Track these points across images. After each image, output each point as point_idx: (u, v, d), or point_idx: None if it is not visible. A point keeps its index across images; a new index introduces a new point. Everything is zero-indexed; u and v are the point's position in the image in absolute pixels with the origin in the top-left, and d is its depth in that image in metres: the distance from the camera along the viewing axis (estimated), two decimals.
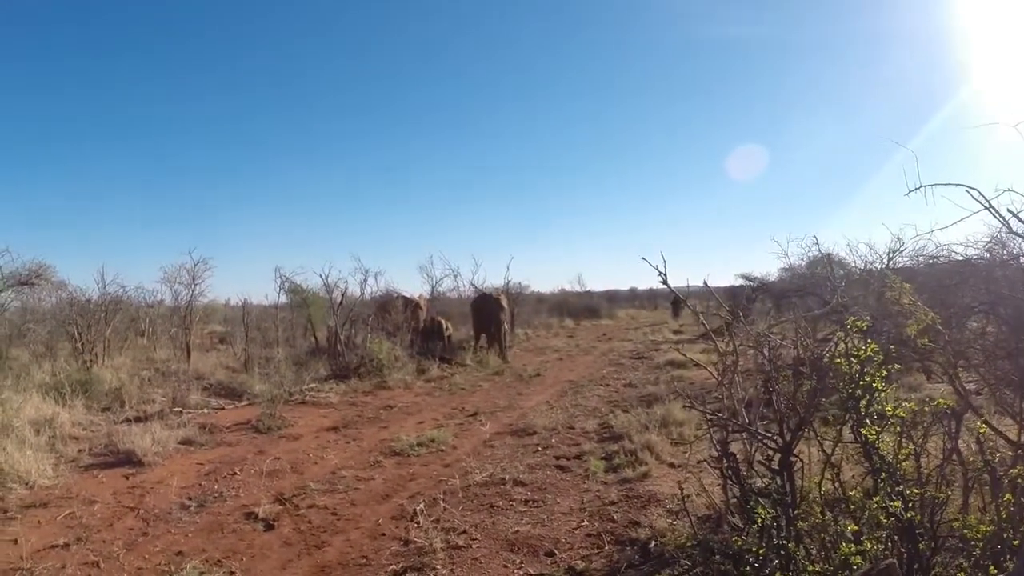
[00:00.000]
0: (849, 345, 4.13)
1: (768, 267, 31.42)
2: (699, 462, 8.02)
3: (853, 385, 4.03)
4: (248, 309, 21.14)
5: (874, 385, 3.97)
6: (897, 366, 4.31)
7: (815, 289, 17.70)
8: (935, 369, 7.79)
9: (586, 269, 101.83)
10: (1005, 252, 7.85)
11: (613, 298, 59.13)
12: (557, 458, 9.40)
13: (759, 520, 4.07)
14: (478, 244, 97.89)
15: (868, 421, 3.97)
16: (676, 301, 43.55)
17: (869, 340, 4.13)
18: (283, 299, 21.83)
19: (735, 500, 5.77)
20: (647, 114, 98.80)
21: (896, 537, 3.71)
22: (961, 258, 8.99)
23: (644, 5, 76.49)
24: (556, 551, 6.18)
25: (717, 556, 4.21)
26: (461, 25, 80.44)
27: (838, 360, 4.14)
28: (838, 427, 4.51)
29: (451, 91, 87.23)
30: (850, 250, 17.57)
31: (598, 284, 60.27)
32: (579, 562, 5.91)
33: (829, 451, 4.52)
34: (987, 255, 7.92)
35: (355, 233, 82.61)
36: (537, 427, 11.24)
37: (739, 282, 30.65)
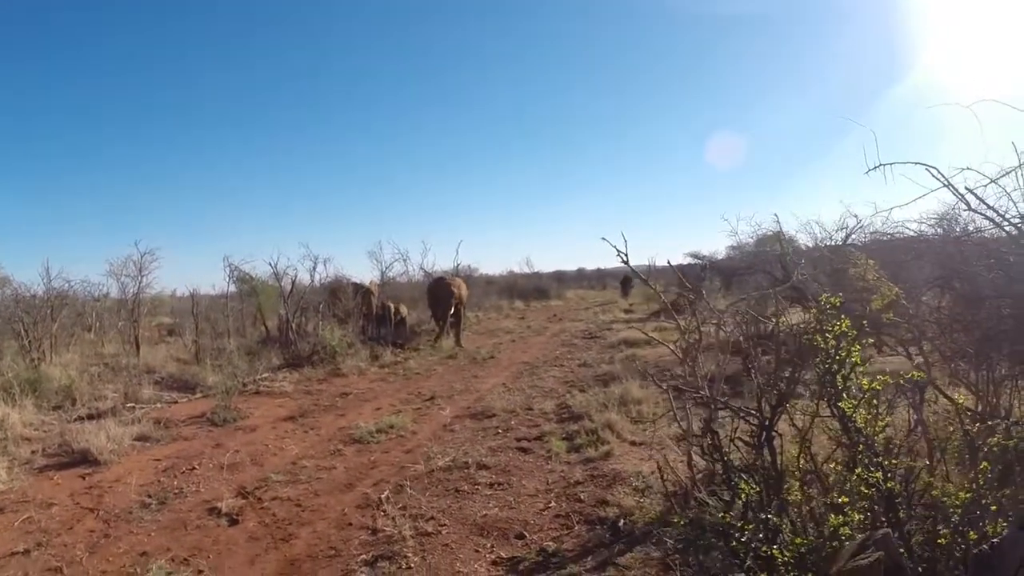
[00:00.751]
0: (824, 321, 4.20)
1: (716, 246, 31.73)
2: (658, 441, 8.33)
3: (830, 360, 4.12)
4: (197, 300, 20.74)
5: (854, 360, 4.07)
6: (870, 340, 4.42)
7: (764, 266, 17.86)
8: (889, 342, 8.00)
9: (534, 251, 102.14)
10: (959, 228, 8.03)
11: (562, 279, 59.33)
12: (518, 440, 9.42)
13: (742, 495, 4.15)
14: (426, 228, 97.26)
15: (845, 395, 4.06)
16: (625, 280, 44.13)
17: (843, 316, 4.18)
18: (232, 289, 21.55)
19: (700, 476, 6.05)
20: (596, 93, 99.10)
21: (876, 507, 3.78)
22: (915, 234, 9.18)
23: None
24: (526, 533, 6.21)
25: (707, 532, 4.23)
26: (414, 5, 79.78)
27: (816, 337, 4.23)
28: (815, 401, 4.59)
29: (397, 71, 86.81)
30: (802, 228, 17.72)
31: (546, 265, 60.51)
32: (550, 543, 5.95)
33: (803, 425, 4.66)
34: (940, 231, 8.10)
35: (303, 221, 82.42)
36: (496, 409, 11.27)
37: (688, 261, 30.85)
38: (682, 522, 5.13)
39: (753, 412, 4.85)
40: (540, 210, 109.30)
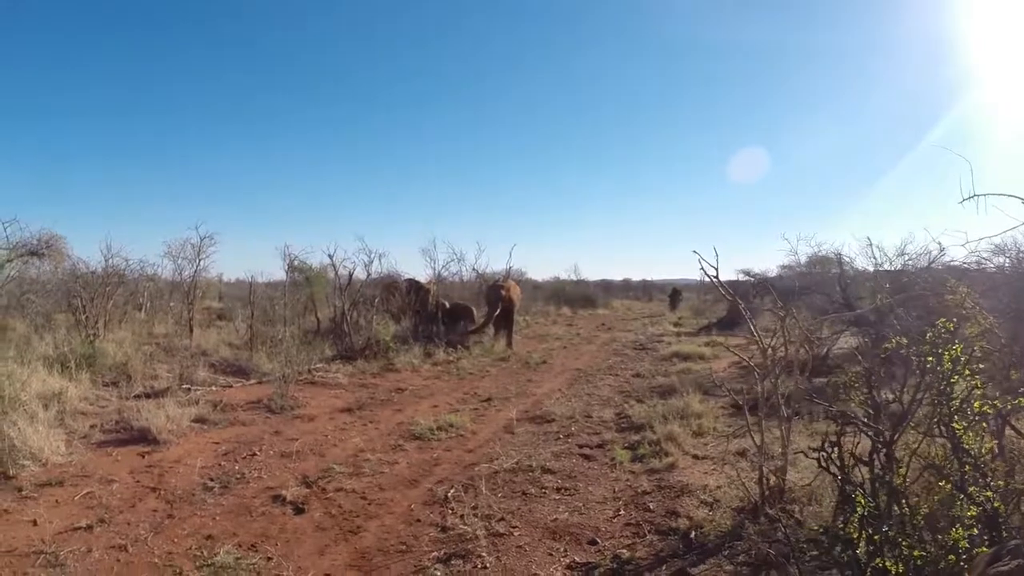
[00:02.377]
0: (939, 344, 4.18)
1: (767, 263, 31.31)
2: (720, 455, 8.28)
3: (945, 382, 4.11)
4: (257, 286, 20.70)
5: (974, 383, 4.05)
6: (981, 365, 4.25)
7: (821, 288, 17.50)
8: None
9: (581, 258, 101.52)
10: None
11: (608, 288, 59.01)
12: (580, 447, 9.24)
13: (859, 510, 4.04)
14: (474, 230, 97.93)
15: (957, 417, 4.05)
16: (674, 293, 43.75)
17: (956, 341, 4.17)
18: (287, 278, 21.42)
19: (769, 493, 6.09)
20: (651, 112, 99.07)
21: (979, 525, 3.76)
22: (994, 267, 8.93)
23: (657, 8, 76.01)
24: (598, 540, 6.06)
25: (838, 546, 4.05)
26: (469, 15, 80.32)
27: (930, 359, 4.22)
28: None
29: (457, 80, 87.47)
30: (861, 251, 17.39)
31: (592, 273, 60.18)
32: (623, 551, 5.80)
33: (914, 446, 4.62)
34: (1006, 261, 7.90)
35: (358, 215, 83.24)
36: (555, 415, 11.09)
37: (740, 278, 30.44)
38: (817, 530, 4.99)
39: (879, 429, 4.63)
40: (589, 218, 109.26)
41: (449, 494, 7.16)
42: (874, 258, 16.17)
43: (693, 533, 6.02)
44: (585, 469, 8.23)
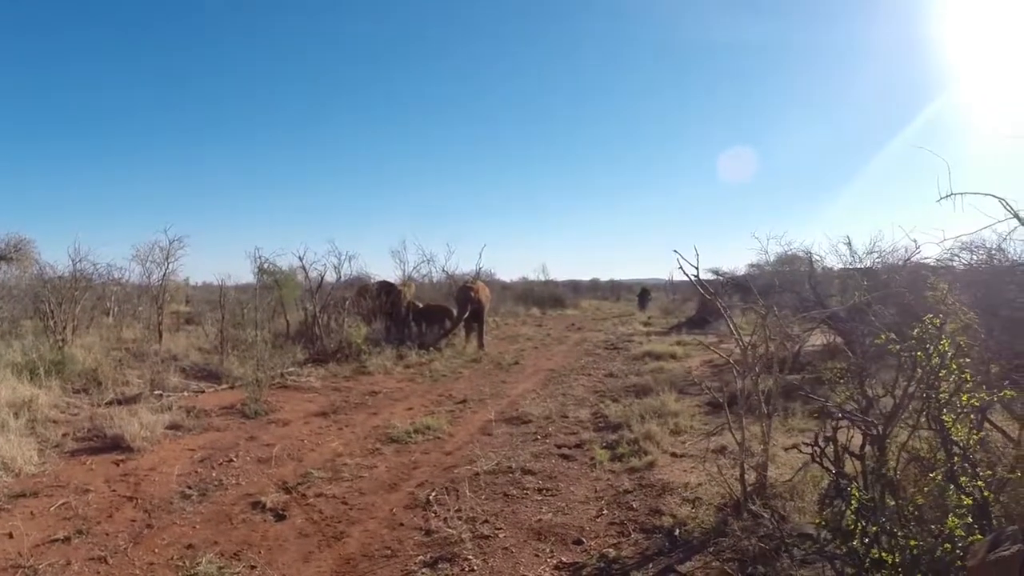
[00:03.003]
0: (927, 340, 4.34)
1: (735, 262, 31.50)
2: (699, 453, 8.26)
3: (933, 376, 4.27)
4: (226, 290, 20.52)
5: (965, 376, 4.20)
6: (967, 359, 4.36)
7: (791, 286, 17.60)
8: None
9: (548, 259, 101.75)
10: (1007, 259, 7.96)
11: (576, 288, 59.16)
12: (559, 447, 9.26)
13: (854, 502, 4.14)
14: (443, 232, 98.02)
15: (946, 410, 4.21)
16: (643, 293, 43.85)
17: (944, 336, 4.33)
18: (255, 281, 21.25)
19: (751, 488, 6.23)
20: (620, 109, 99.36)
21: (971, 514, 3.87)
22: (963, 265, 9.08)
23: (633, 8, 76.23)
24: (583, 539, 6.08)
25: (838, 538, 4.23)
26: (446, 14, 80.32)
27: (919, 353, 4.37)
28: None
29: (425, 78, 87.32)
30: (831, 249, 17.51)
31: (560, 274, 60.27)
32: (609, 550, 5.82)
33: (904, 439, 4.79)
34: (976, 258, 8.04)
35: (327, 218, 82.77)
36: (531, 415, 11.11)
37: (709, 276, 30.56)
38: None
39: (872, 423, 4.75)
40: (556, 219, 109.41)
41: (431, 497, 7.13)
42: (845, 256, 16.29)
43: (677, 531, 6.05)
44: (565, 469, 8.24)
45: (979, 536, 3.59)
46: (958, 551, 3.61)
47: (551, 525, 6.42)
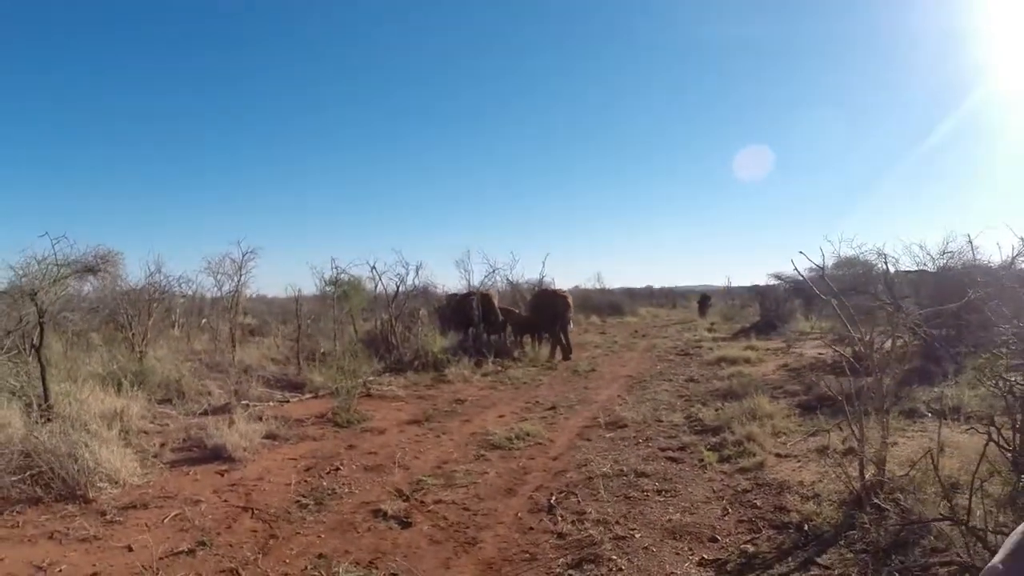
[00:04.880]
0: None
1: (786, 266, 30.85)
2: (803, 454, 8.27)
3: None
4: (285, 301, 20.49)
5: None
6: None
7: (865, 287, 17.16)
8: None
9: (602, 267, 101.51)
10: None
11: (632, 295, 58.69)
12: (663, 450, 9.05)
13: None
14: (499, 242, 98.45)
15: None
16: (703, 299, 43.42)
17: None
18: (313, 290, 21.24)
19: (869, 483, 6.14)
20: (671, 120, 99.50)
21: None
22: None
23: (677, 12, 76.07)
24: (718, 537, 5.97)
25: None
26: (494, 33, 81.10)
27: None
28: None
29: (475, 97, 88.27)
30: (906, 250, 17.13)
31: (614, 282, 59.81)
32: (746, 546, 5.74)
33: None
34: None
35: (382, 229, 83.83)
36: (626, 420, 10.91)
37: (772, 281, 30.25)
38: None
39: None
40: (608, 227, 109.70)
41: (552, 501, 6.99)
42: (918, 258, 15.95)
43: (806, 526, 5.97)
44: (677, 471, 8.04)
45: None
46: None
47: (682, 524, 6.27)
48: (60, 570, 5.42)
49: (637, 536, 5.99)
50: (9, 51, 62.13)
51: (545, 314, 21.38)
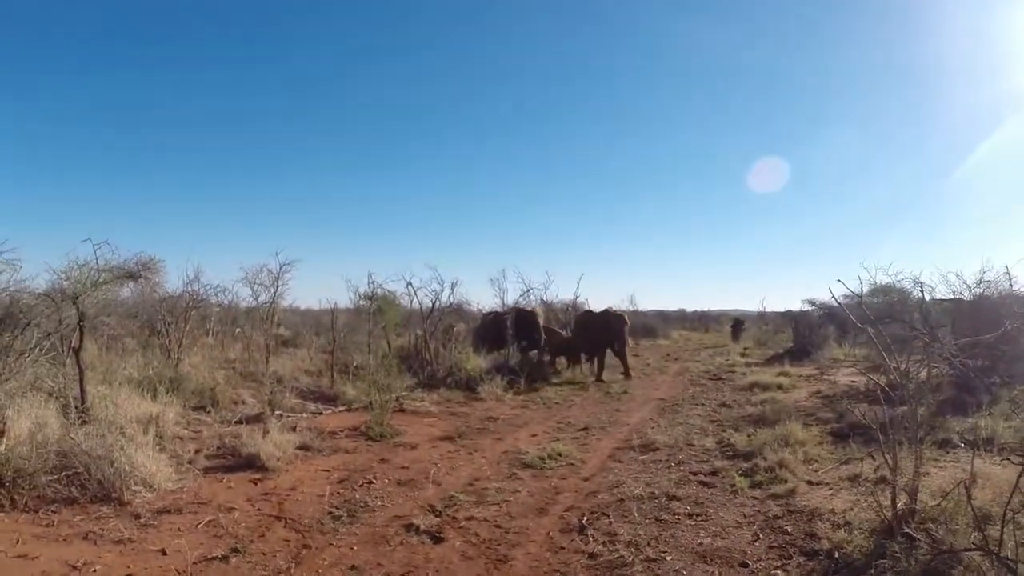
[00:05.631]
0: None
1: (826, 293, 30.55)
2: (835, 482, 8.18)
3: None
4: (321, 314, 20.60)
5: None
6: None
7: (899, 316, 16.98)
8: None
9: (636, 289, 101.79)
10: None
11: (665, 318, 58.45)
12: (694, 474, 9.03)
13: None
14: (531, 261, 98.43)
15: None
16: (737, 324, 43.13)
17: None
18: (348, 304, 21.32)
19: (900, 512, 6.03)
20: (709, 143, 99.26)
21: None
22: None
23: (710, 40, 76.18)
24: (748, 562, 5.92)
25: None
26: (536, 53, 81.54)
27: None
28: None
29: (514, 116, 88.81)
30: (943, 279, 16.93)
31: (646, 304, 59.59)
32: (777, 571, 5.71)
33: None
34: None
35: (413, 245, 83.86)
36: (657, 443, 10.85)
37: (805, 307, 30.03)
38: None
39: None
40: (641, 250, 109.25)
41: (583, 521, 6.97)
42: (955, 286, 15.78)
43: (836, 553, 5.93)
44: (708, 496, 8.01)
45: None
46: None
47: (713, 549, 6.24)
48: (95, 570, 5.48)
49: (668, 559, 5.95)
50: (57, 55, 63.33)
51: (596, 334, 21.36)
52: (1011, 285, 13.99)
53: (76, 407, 9.05)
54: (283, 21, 73.88)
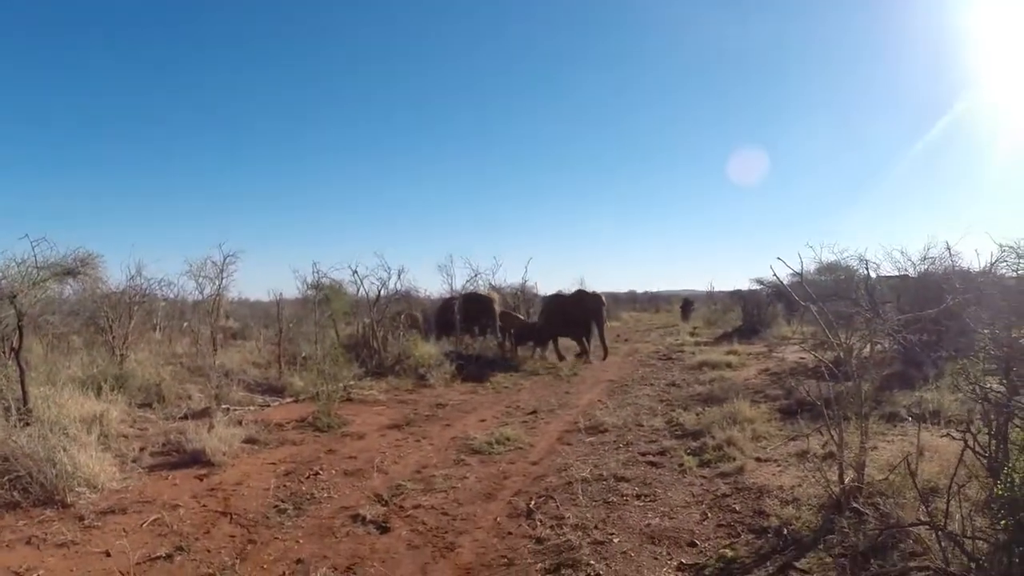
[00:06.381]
0: None
1: (766, 271, 30.97)
2: (782, 458, 8.38)
3: None
4: (268, 305, 20.46)
5: None
6: None
7: (845, 293, 17.26)
8: None
9: (585, 272, 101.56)
10: None
11: (615, 300, 58.70)
12: (643, 454, 9.12)
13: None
14: (478, 246, 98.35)
15: None
16: (686, 304, 43.50)
17: None
18: (295, 294, 21.20)
19: (848, 488, 6.23)
20: (655, 123, 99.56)
21: None
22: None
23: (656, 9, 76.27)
24: (696, 541, 6.01)
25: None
26: (482, 36, 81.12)
27: None
28: None
29: (460, 93, 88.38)
30: (887, 256, 17.16)
31: (597, 286, 59.98)
32: (725, 550, 5.74)
33: None
34: None
35: (363, 232, 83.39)
36: (607, 425, 10.95)
37: (754, 287, 30.39)
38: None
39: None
40: (591, 232, 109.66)
41: (531, 506, 7.03)
42: (900, 263, 16.04)
43: (785, 530, 5.99)
44: (657, 476, 8.11)
45: None
46: None
47: (661, 529, 6.32)
48: (38, 575, 5.42)
49: (615, 541, 6.02)
50: None
51: (572, 316, 21.51)
52: (953, 261, 14.28)
53: (17, 409, 8.89)
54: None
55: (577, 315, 21.47)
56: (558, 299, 22.98)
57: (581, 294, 22.24)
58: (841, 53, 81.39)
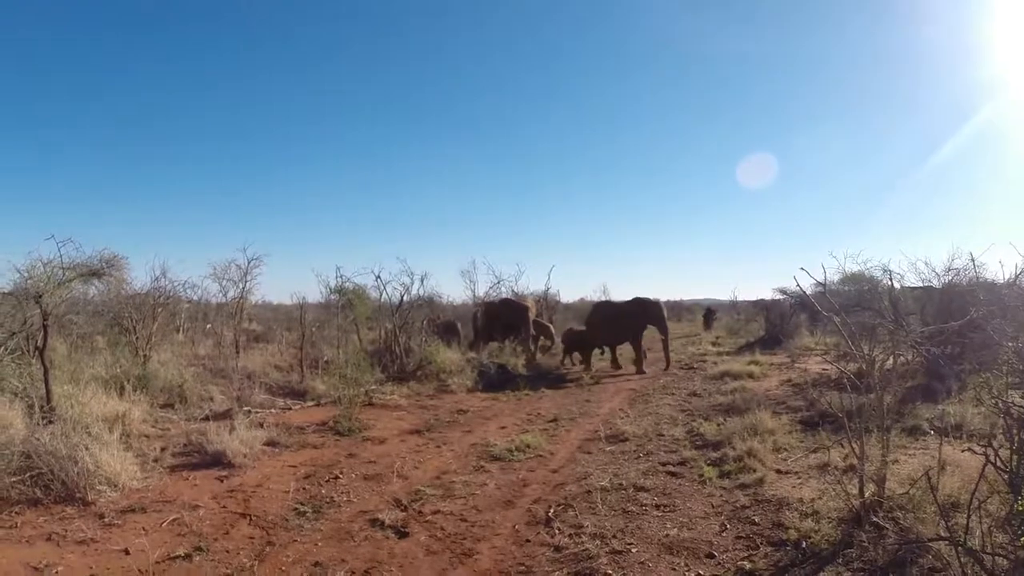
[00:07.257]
0: None
1: (802, 282, 30.77)
2: (804, 470, 8.27)
3: None
4: (290, 308, 20.49)
5: None
6: None
7: (870, 304, 17.10)
8: None
9: (609, 279, 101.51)
10: None
11: None
12: (663, 464, 9.05)
13: None
14: (501, 252, 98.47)
15: None
16: (709, 313, 43.25)
17: None
18: (318, 298, 21.21)
19: (868, 501, 6.15)
20: (680, 133, 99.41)
21: None
22: None
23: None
24: (715, 553, 5.93)
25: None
26: (508, 42, 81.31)
27: None
28: None
29: (481, 108, 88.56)
30: (911, 267, 17.02)
31: (620, 294, 59.61)
32: (744, 563, 5.68)
33: None
34: None
35: (384, 238, 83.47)
36: (627, 434, 10.88)
37: (777, 296, 30.16)
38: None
39: None
40: (613, 240, 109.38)
41: (550, 514, 6.99)
42: (924, 274, 15.91)
43: (804, 543, 5.94)
44: (676, 486, 8.05)
45: None
46: None
47: (680, 540, 6.25)
48: (57, 572, 5.45)
49: (634, 551, 5.97)
50: (16, 52, 62.56)
51: (629, 323, 21.32)
52: (977, 273, 14.13)
53: (41, 407, 8.96)
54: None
55: (635, 321, 21.25)
56: (613, 306, 22.69)
57: (643, 301, 21.86)
58: (860, 64, 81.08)
